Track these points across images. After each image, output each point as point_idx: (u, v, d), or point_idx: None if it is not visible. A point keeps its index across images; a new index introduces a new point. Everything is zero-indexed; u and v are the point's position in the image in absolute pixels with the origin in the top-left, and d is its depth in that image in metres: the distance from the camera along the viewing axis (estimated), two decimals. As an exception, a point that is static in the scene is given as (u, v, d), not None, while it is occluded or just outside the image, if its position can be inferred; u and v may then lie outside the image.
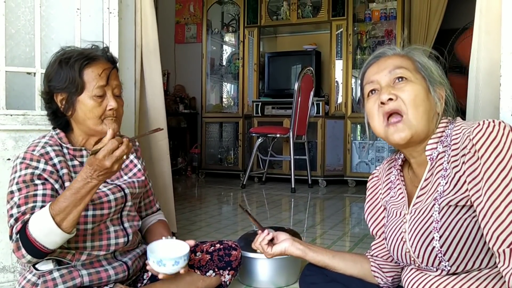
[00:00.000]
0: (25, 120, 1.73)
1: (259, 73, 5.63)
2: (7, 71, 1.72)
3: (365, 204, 1.36)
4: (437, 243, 1.02)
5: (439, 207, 1.03)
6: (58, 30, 1.86)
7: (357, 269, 1.32)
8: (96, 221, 1.43)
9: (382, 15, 5.10)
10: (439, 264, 1.03)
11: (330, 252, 1.35)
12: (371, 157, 5.06)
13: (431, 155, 1.10)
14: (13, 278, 1.69)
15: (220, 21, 6.10)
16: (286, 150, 5.19)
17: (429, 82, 1.12)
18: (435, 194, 1.05)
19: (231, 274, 1.64)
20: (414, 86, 1.10)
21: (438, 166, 1.08)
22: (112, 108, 1.44)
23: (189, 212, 3.49)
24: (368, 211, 1.34)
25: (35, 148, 1.41)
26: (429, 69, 1.13)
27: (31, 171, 1.35)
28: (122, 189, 1.52)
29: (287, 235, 1.39)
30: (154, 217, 1.72)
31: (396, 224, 1.17)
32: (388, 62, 1.16)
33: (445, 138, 1.09)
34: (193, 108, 6.31)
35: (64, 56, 1.45)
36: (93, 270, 1.44)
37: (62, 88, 1.42)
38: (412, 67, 1.13)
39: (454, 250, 1.00)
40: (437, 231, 1.02)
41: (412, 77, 1.11)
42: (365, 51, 5.23)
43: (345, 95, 5.13)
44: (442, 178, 1.05)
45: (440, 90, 1.13)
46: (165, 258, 1.37)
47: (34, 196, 1.32)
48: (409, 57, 1.16)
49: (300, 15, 5.42)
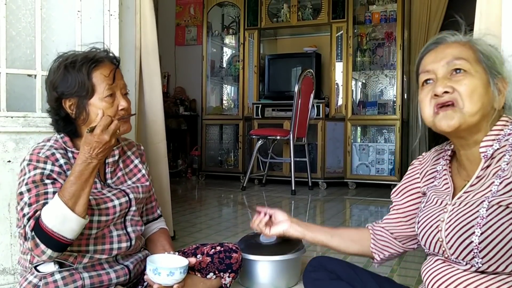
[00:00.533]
0: (25, 122, 1.74)
1: (259, 75, 5.63)
2: (7, 73, 1.73)
3: (401, 181, 1.34)
4: (477, 238, 0.99)
5: (489, 205, 1.00)
6: (58, 32, 1.87)
7: (356, 248, 1.36)
8: (100, 226, 1.44)
9: (382, 17, 5.10)
10: (471, 259, 1.01)
11: (328, 232, 1.36)
12: (371, 159, 5.06)
13: (485, 152, 1.06)
14: (14, 280, 1.69)
15: (221, 23, 6.11)
16: (286, 152, 5.19)
17: (490, 74, 1.05)
18: (487, 192, 1.03)
19: (231, 277, 1.64)
20: (473, 80, 1.04)
21: (494, 165, 1.04)
22: (124, 108, 1.45)
23: (189, 214, 3.49)
24: (400, 188, 1.32)
25: (41, 151, 1.40)
26: (492, 60, 1.07)
27: (40, 171, 1.35)
28: (127, 194, 1.52)
29: (285, 215, 1.41)
30: (156, 225, 1.72)
31: (434, 212, 1.14)
32: (447, 52, 1.09)
33: (503, 137, 1.05)
34: (193, 110, 6.31)
35: (68, 60, 1.43)
36: (95, 273, 1.44)
37: (72, 93, 1.40)
38: (473, 57, 1.06)
39: (492, 249, 0.98)
40: (480, 227, 1.00)
41: (472, 70, 1.05)
42: (365, 53, 5.24)
43: (345, 97, 5.14)
44: (497, 178, 1.02)
45: (501, 83, 1.07)
46: (160, 267, 1.39)
47: (45, 194, 1.32)
48: (471, 45, 1.08)
49: (300, 17, 5.43)
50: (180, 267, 1.41)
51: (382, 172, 4.98)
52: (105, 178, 1.53)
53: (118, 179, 1.55)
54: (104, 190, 1.48)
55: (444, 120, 1.06)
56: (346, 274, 1.30)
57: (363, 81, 5.42)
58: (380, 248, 1.34)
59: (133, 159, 1.63)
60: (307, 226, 1.37)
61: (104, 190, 1.48)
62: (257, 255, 1.82)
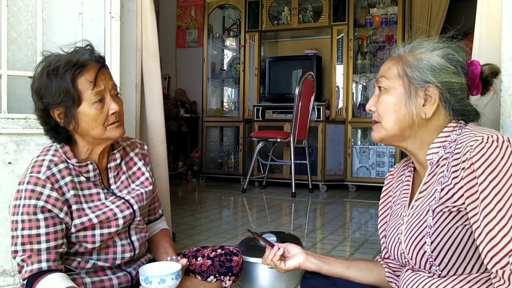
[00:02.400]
0: (26, 124, 1.73)
1: (260, 77, 5.64)
2: (9, 74, 1.73)
3: (380, 199, 1.36)
4: (429, 248, 1.03)
5: (433, 213, 1.04)
6: (60, 34, 1.87)
7: (373, 277, 1.31)
8: (103, 239, 1.42)
9: (383, 20, 5.11)
10: (430, 267, 1.05)
11: (344, 263, 1.32)
12: (372, 162, 5.06)
13: (431, 159, 1.10)
14: (13, 282, 1.69)
15: (221, 25, 6.11)
16: (287, 154, 5.19)
17: (411, 86, 1.09)
18: (432, 199, 1.06)
19: (232, 280, 1.63)
20: (387, 97, 1.12)
21: (439, 171, 1.07)
22: (115, 111, 1.38)
23: (189, 216, 3.49)
24: (379, 211, 1.34)
25: (40, 169, 1.34)
26: (422, 70, 1.08)
27: (34, 203, 1.30)
28: (131, 206, 1.49)
29: (299, 248, 1.36)
30: (157, 226, 1.71)
31: (395, 225, 1.18)
32: (382, 68, 1.17)
33: (449, 144, 1.07)
34: (194, 112, 6.32)
35: (50, 67, 1.33)
36: (97, 279, 1.44)
37: (58, 103, 1.33)
38: (395, 73, 1.12)
39: (445, 256, 1.02)
40: (429, 236, 1.03)
41: (390, 85, 1.12)
42: (365, 56, 5.24)
43: (345, 100, 5.14)
44: (440, 185, 1.05)
45: (432, 91, 1.08)
46: (151, 276, 1.38)
47: (37, 236, 1.31)
48: (400, 59, 1.13)
49: (301, 20, 5.44)
50: (171, 273, 1.39)
51: (382, 175, 4.97)
52: (108, 184, 1.50)
53: (122, 183, 1.53)
54: (107, 201, 1.45)
55: (373, 133, 1.18)
56: (343, 280, 1.30)
57: (363, 83, 5.42)
58: (397, 276, 1.30)
59: (136, 161, 1.59)
60: (322, 258, 1.33)
61: (108, 201, 1.45)
62: (258, 257, 1.82)
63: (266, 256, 1.35)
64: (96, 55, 1.42)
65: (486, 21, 1.70)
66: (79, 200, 1.39)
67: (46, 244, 1.32)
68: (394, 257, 1.18)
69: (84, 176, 1.44)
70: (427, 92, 1.09)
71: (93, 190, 1.45)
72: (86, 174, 1.44)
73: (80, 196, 1.41)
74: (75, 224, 1.37)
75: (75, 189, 1.39)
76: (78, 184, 1.41)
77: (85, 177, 1.44)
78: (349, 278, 1.30)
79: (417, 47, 1.14)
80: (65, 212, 1.35)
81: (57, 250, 1.34)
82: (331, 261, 1.33)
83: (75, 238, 1.40)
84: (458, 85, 1.09)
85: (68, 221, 1.36)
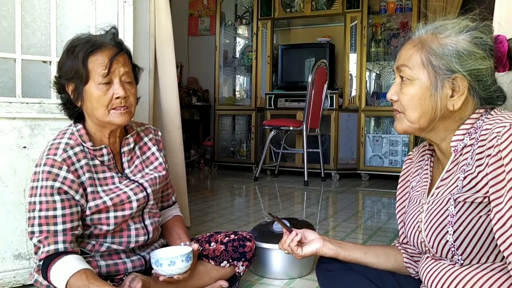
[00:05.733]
0: (40, 108, 1.74)
1: (272, 65, 5.60)
2: (23, 59, 1.73)
3: (398, 183, 1.32)
4: (451, 237, 1.01)
5: (455, 202, 1.01)
6: (73, 19, 1.86)
7: (391, 262, 1.29)
8: (118, 222, 1.44)
9: (398, 7, 5.03)
10: (452, 256, 1.03)
11: (361, 249, 1.31)
12: (385, 151, 5.02)
13: (456, 146, 1.06)
14: (29, 265, 1.71)
15: (234, 13, 6.07)
16: (299, 143, 5.17)
17: (437, 76, 1.02)
18: (454, 188, 1.03)
19: (245, 265, 1.64)
20: (412, 89, 1.05)
21: (462, 159, 1.04)
22: (119, 97, 1.38)
23: (202, 203, 3.50)
24: (397, 195, 1.31)
25: (57, 152, 1.36)
26: (447, 59, 1.02)
27: (51, 184, 1.32)
28: (145, 189, 1.50)
29: (316, 234, 1.34)
30: (170, 213, 1.71)
31: (414, 212, 1.15)
32: (401, 54, 1.09)
33: (475, 130, 1.03)
34: (206, 100, 6.31)
35: (71, 44, 1.40)
36: (111, 262, 1.45)
37: (70, 79, 1.38)
38: (418, 62, 1.04)
39: (468, 245, 0.99)
40: (451, 225, 1.01)
41: (414, 75, 1.05)
42: (379, 43, 5.17)
43: (359, 88, 5.09)
44: (463, 173, 1.01)
45: (460, 82, 1.02)
46: (161, 258, 1.40)
47: (54, 218, 1.33)
48: (422, 45, 1.05)
49: (314, 7, 5.38)
50: (181, 255, 1.40)
51: (395, 164, 4.94)
52: (122, 168, 1.51)
53: (136, 168, 1.54)
54: (121, 185, 1.46)
55: (396, 123, 1.12)
56: (359, 265, 1.29)
57: (377, 71, 5.36)
58: (414, 261, 1.28)
59: (150, 146, 1.60)
60: (340, 244, 1.32)
61: (122, 184, 1.47)
62: (271, 243, 1.81)
63: (283, 241, 1.34)
64: (118, 40, 1.45)
65: (505, 4, 1.66)
66: (94, 183, 1.41)
67: (62, 226, 1.33)
68: (413, 245, 1.16)
69: (99, 159, 1.45)
70: (454, 83, 1.02)
71: (107, 174, 1.45)
72: (100, 158, 1.45)
73: (95, 179, 1.42)
74: (90, 207, 1.39)
75: (90, 172, 1.41)
76: (93, 167, 1.42)
77: (100, 161, 1.45)
78: (366, 263, 1.29)
79: (440, 29, 1.05)
80: (80, 195, 1.37)
81: (73, 232, 1.35)
82: (349, 246, 1.31)
83: (90, 221, 1.41)
84: (486, 71, 1.03)
85: (83, 204, 1.38)
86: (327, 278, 1.31)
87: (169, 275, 1.40)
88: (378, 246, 1.35)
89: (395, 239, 1.36)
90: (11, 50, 1.71)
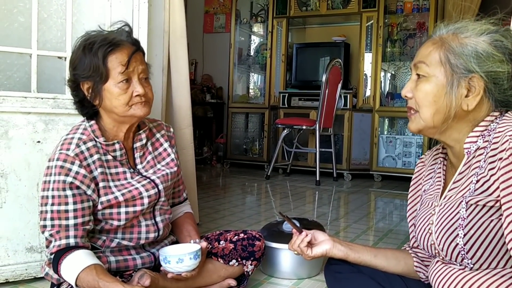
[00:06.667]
0: (55, 103, 1.76)
1: (287, 64, 5.59)
2: (38, 54, 1.75)
3: (409, 187, 1.31)
4: (461, 240, 0.99)
5: (467, 205, 1.00)
6: (89, 16, 1.87)
7: (401, 266, 1.28)
8: (129, 218, 1.45)
9: (415, 7, 4.98)
10: (462, 260, 1.02)
11: (371, 251, 1.29)
12: (398, 152, 4.98)
13: (469, 148, 1.04)
14: (40, 258, 1.73)
15: (249, 11, 6.07)
16: (312, 142, 5.15)
17: (454, 75, 1.02)
18: (466, 191, 1.02)
19: (254, 265, 1.64)
20: (427, 86, 1.05)
21: (475, 161, 1.03)
22: (139, 94, 1.40)
23: (213, 200, 3.51)
24: (409, 199, 1.30)
25: (70, 147, 1.38)
26: (465, 58, 1.01)
27: (63, 179, 1.34)
28: (156, 186, 1.50)
29: (326, 235, 1.34)
30: (181, 209, 1.72)
31: (426, 215, 1.14)
32: (420, 52, 1.09)
33: (488, 133, 1.02)
34: (220, 98, 6.32)
35: (87, 41, 1.39)
36: (121, 258, 1.46)
37: (87, 77, 1.38)
38: (436, 59, 1.04)
39: (478, 249, 0.98)
40: (462, 228, 1.00)
41: (430, 72, 1.04)
42: (395, 43, 5.13)
43: (373, 88, 5.05)
44: (475, 176, 1.00)
45: (476, 81, 1.01)
46: (169, 255, 1.41)
47: (66, 212, 1.34)
48: (442, 43, 1.04)
49: (330, 6, 5.35)
50: (189, 253, 1.40)
51: (408, 165, 4.89)
52: (134, 164, 1.52)
53: (148, 163, 1.55)
54: (133, 180, 1.47)
55: (410, 123, 1.11)
56: (368, 268, 1.28)
57: (392, 72, 5.32)
58: (425, 266, 1.27)
59: (162, 142, 1.61)
60: (350, 246, 1.30)
61: (134, 180, 1.47)
62: (280, 243, 1.81)
63: (293, 241, 1.33)
64: (134, 38, 1.46)
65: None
66: (106, 178, 1.42)
67: (74, 221, 1.35)
68: (423, 248, 1.15)
69: (111, 155, 1.46)
70: (471, 83, 1.02)
71: (119, 169, 1.46)
72: (113, 153, 1.46)
73: (107, 174, 1.43)
74: (102, 202, 1.40)
75: (103, 167, 1.42)
76: (106, 163, 1.44)
77: (112, 156, 1.46)
78: (376, 266, 1.27)
79: (462, 29, 1.05)
80: (92, 189, 1.38)
81: (84, 227, 1.36)
82: (359, 248, 1.30)
83: (101, 216, 1.42)
84: (503, 75, 1.01)
85: (95, 198, 1.39)
86: (335, 280, 1.30)
87: (177, 272, 1.41)
88: (388, 249, 1.34)
89: (405, 243, 1.35)
90: (27, 46, 1.73)
